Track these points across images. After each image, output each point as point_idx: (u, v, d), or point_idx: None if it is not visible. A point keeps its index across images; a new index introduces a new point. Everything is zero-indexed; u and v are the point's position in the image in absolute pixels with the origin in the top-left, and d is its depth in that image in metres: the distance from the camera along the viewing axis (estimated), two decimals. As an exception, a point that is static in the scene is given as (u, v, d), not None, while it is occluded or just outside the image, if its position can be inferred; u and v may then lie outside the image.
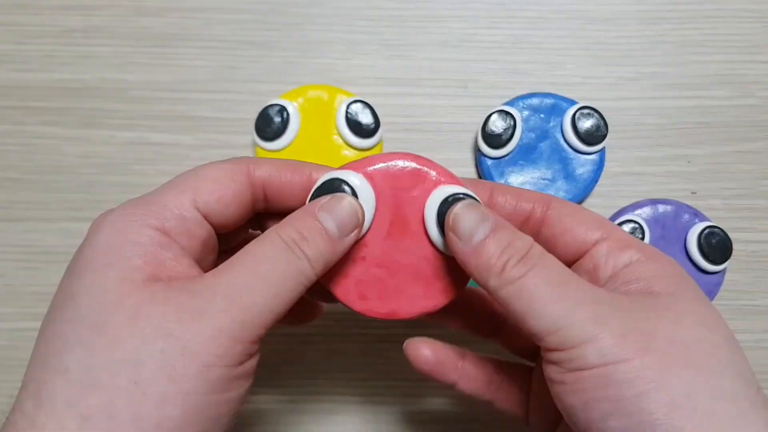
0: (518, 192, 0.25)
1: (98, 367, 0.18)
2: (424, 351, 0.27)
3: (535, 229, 0.24)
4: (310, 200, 0.23)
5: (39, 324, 0.21)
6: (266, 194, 0.24)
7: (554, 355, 0.20)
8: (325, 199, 0.22)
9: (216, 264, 0.21)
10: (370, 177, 0.24)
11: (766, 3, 0.39)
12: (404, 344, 0.27)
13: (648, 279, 0.21)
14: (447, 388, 0.27)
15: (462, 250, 0.22)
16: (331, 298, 0.25)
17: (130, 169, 0.39)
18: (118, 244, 0.20)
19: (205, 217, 0.22)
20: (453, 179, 0.24)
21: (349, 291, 0.24)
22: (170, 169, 0.38)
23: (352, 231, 0.22)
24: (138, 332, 0.18)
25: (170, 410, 0.18)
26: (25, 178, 0.39)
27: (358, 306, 0.24)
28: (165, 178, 0.22)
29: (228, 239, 0.25)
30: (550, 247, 0.24)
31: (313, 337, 0.38)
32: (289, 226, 0.21)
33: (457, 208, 0.22)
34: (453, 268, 0.24)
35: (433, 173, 0.24)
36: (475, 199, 0.23)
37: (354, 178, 0.23)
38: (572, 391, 0.20)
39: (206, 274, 0.20)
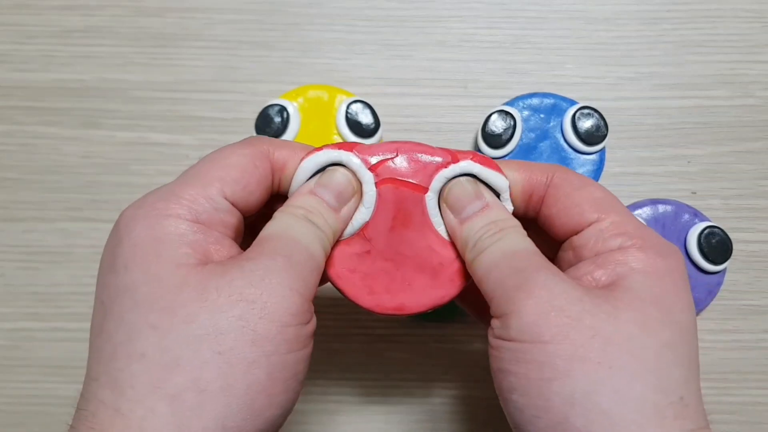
0: (524, 165, 0.24)
1: (177, 345, 0.18)
2: None
3: (537, 206, 0.24)
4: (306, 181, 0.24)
5: (39, 324, 0.21)
6: (281, 177, 0.24)
7: (492, 321, 0.21)
8: (317, 177, 0.23)
9: (243, 244, 0.22)
10: (368, 164, 0.24)
11: (766, 3, 0.39)
12: None
13: (619, 270, 0.21)
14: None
15: (452, 222, 0.23)
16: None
17: (129, 169, 0.39)
18: (161, 236, 0.20)
19: (234, 205, 0.22)
20: (455, 157, 0.24)
21: (356, 285, 0.24)
22: (170, 169, 0.38)
23: (350, 199, 0.23)
24: (210, 305, 0.19)
25: (257, 373, 0.19)
26: (24, 178, 0.39)
27: (367, 301, 0.24)
28: (165, 178, 0.22)
29: (249, 221, 0.25)
30: (548, 226, 0.24)
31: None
32: (293, 205, 0.22)
33: (454, 182, 0.23)
34: (459, 256, 0.23)
35: (438, 159, 0.24)
36: (477, 178, 0.23)
37: (344, 156, 0.23)
38: (493, 357, 0.21)
39: (249, 249, 0.21)
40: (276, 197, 0.25)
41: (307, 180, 0.24)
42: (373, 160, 0.24)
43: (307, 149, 0.24)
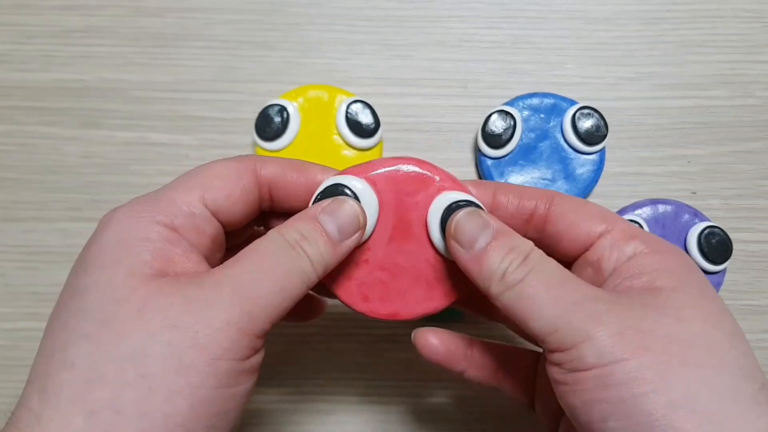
0: (521, 190, 0.25)
1: (104, 361, 0.18)
2: (433, 340, 0.26)
3: (539, 226, 0.24)
4: (313, 203, 0.23)
5: (39, 324, 0.21)
6: (271, 193, 0.24)
7: (555, 356, 0.20)
8: (326, 203, 0.22)
9: (223, 261, 0.21)
10: (372, 182, 0.24)
11: (766, 3, 0.39)
12: (413, 334, 0.26)
13: (651, 273, 0.21)
14: (455, 377, 0.27)
15: (464, 257, 0.22)
16: (334, 295, 0.25)
17: (129, 169, 0.39)
18: (127, 240, 0.20)
19: (214, 215, 0.22)
20: (456, 184, 0.24)
21: (352, 292, 0.24)
22: (170, 170, 0.38)
23: (353, 234, 0.22)
24: (144, 325, 0.18)
25: (179, 404, 0.18)
26: (24, 178, 0.39)
27: (361, 307, 0.24)
28: (165, 178, 0.23)
29: (234, 236, 0.25)
30: (555, 243, 0.24)
31: (313, 337, 0.38)
32: (291, 227, 0.21)
33: (459, 216, 0.22)
34: (455, 272, 0.24)
35: (437, 178, 0.24)
36: (477, 206, 0.23)
37: (357, 183, 0.23)
38: (573, 392, 0.20)
39: (213, 269, 0.20)
40: (273, 215, 0.25)
41: (317, 195, 0.23)
42: (378, 172, 0.24)
43: (294, 163, 0.24)
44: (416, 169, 0.24)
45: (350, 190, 0.23)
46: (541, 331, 0.20)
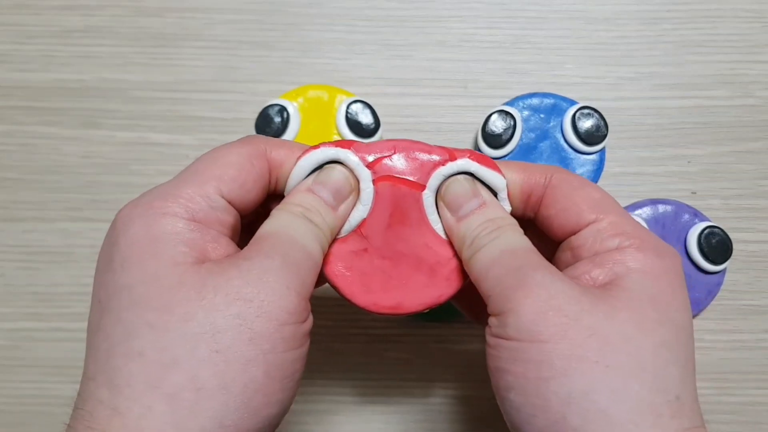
0: (522, 165, 0.24)
1: (175, 344, 0.18)
2: None
3: (535, 207, 0.24)
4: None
5: (38, 324, 0.21)
6: (278, 175, 0.24)
7: (489, 319, 0.21)
8: (315, 174, 0.23)
9: (242, 244, 0.22)
10: (365, 161, 0.24)
11: (766, 3, 0.39)
12: None
13: (617, 269, 0.21)
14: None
15: (449, 220, 0.23)
16: (335, 288, 0.24)
17: (129, 169, 0.39)
18: (157, 235, 0.20)
19: (230, 203, 0.22)
20: (453, 155, 0.24)
21: (352, 284, 0.24)
22: (170, 170, 0.38)
23: (348, 196, 0.23)
24: (208, 303, 0.19)
25: (254, 371, 0.19)
26: (24, 178, 0.39)
27: (363, 300, 0.24)
28: (165, 179, 0.22)
29: (247, 219, 0.25)
30: (547, 226, 0.24)
31: (312, 337, 0.37)
32: (290, 203, 0.22)
33: (451, 180, 0.23)
34: (456, 255, 0.23)
35: (435, 157, 0.24)
36: (474, 176, 0.23)
37: (341, 153, 0.23)
38: (490, 356, 0.21)
39: (247, 248, 0.21)
40: (272, 197, 0.24)
41: (305, 178, 0.24)
42: (371, 157, 0.24)
43: (305, 148, 0.24)
44: (411, 150, 0.24)
45: (338, 162, 0.23)
46: (484, 292, 0.21)
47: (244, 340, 0.18)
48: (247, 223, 0.24)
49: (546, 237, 0.24)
